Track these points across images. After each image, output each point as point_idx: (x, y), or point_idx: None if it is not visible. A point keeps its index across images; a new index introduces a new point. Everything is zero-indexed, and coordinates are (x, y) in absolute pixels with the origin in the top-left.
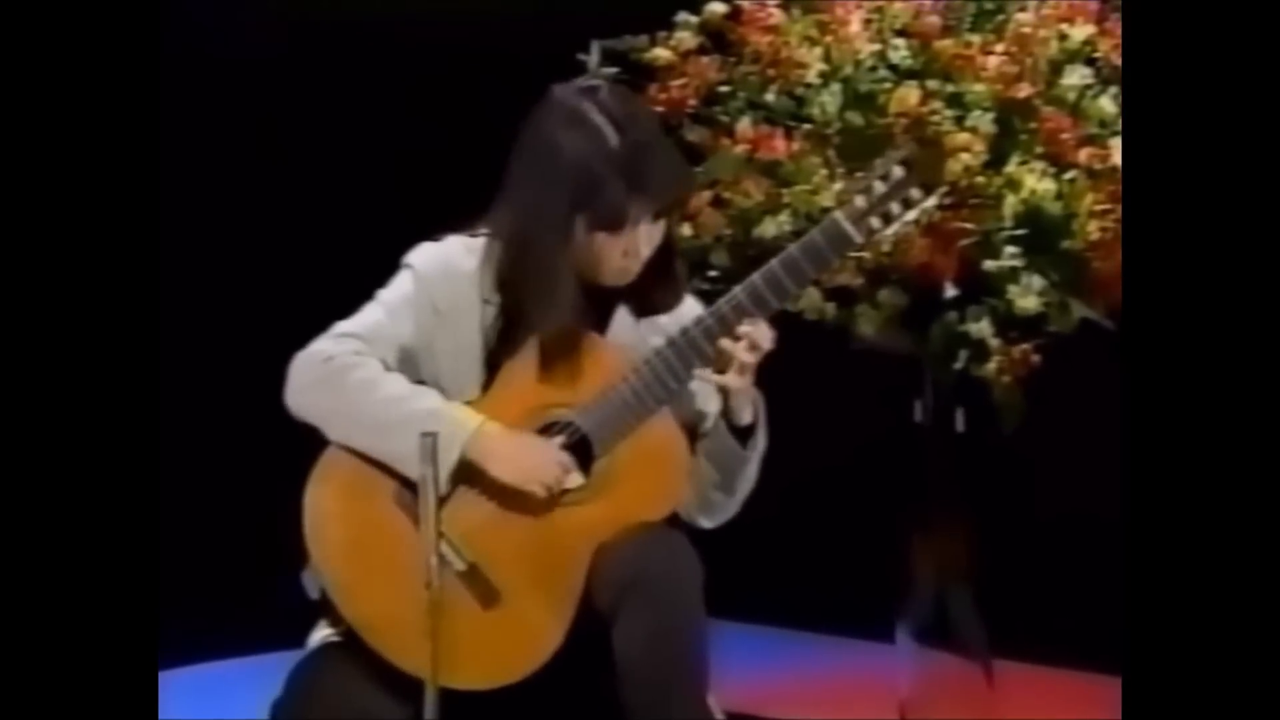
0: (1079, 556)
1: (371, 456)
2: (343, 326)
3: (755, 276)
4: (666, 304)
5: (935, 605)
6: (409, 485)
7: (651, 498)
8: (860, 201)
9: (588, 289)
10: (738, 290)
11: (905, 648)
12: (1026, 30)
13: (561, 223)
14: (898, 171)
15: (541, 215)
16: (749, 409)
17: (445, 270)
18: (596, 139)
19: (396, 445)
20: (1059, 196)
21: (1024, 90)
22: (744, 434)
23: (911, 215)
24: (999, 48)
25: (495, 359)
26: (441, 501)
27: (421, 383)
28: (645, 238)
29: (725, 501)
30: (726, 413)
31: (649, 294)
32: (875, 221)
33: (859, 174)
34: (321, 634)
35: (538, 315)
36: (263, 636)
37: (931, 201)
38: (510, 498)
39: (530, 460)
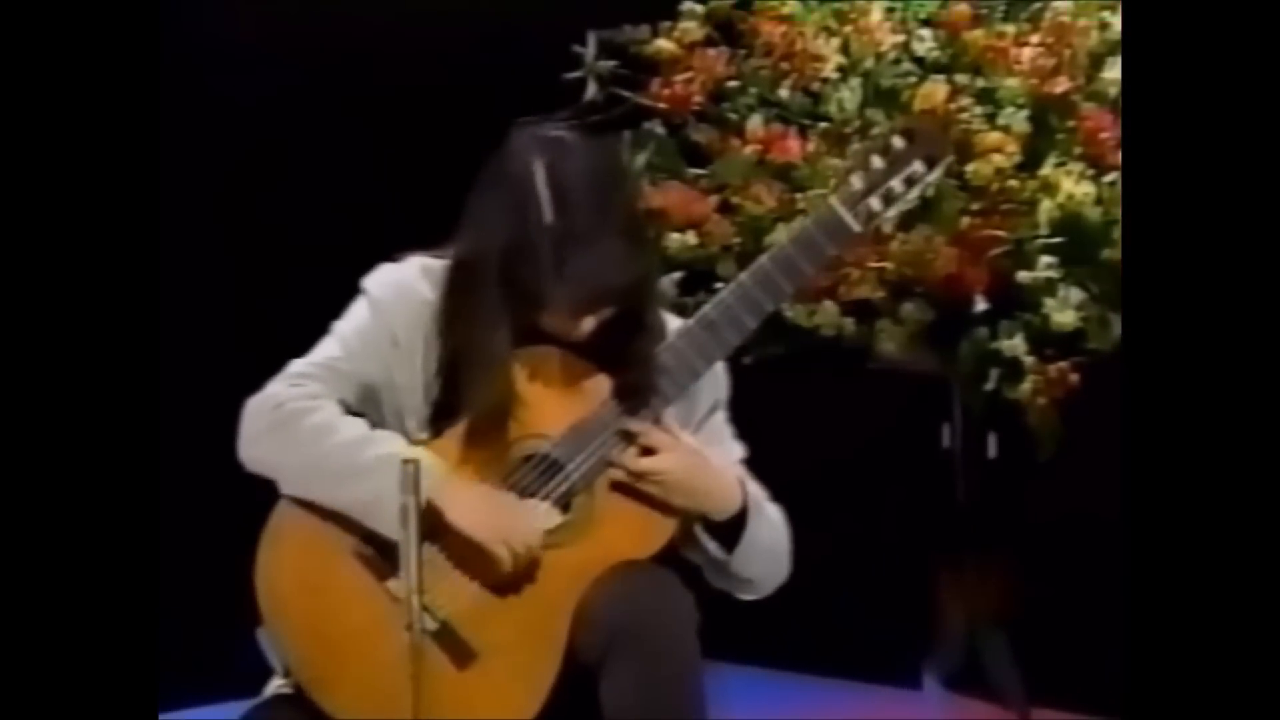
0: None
1: (330, 508)
2: (297, 366)
3: (744, 276)
4: (633, 389)
5: (966, 648)
6: (368, 540)
7: (637, 534)
8: (857, 182)
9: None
10: (725, 293)
11: (933, 695)
12: (1064, 20)
13: (495, 278)
14: (898, 144)
15: (479, 262)
16: (726, 499)
17: (403, 297)
18: (533, 208)
19: (355, 493)
20: (1099, 201)
21: (1061, 85)
22: (727, 531)
23: (915, 194)
24: (1034, 39)
25: (444, 396)
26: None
27: (384, 420)
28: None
29: (748, 590)
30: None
31: (616, 372)
32: (875, 203)
33: (854, 147)
34: (275, 684)
35: (469, 364)
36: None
37: (936, 175)
38: (481, 546)
39: (499, 521)
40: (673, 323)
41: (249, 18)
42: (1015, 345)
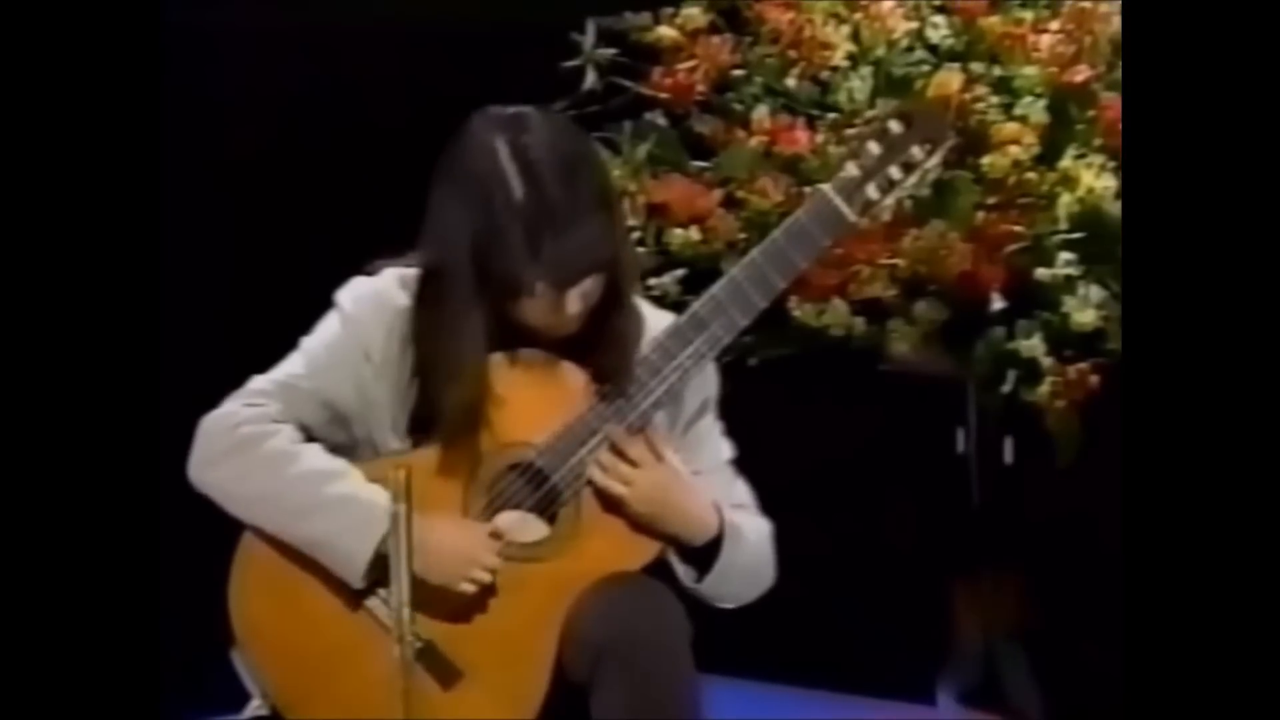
0: None
1: (281, 539)
2: (258, 383)
3: (735, 271)
4: (612, 372)
5: (982, 663)
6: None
7: (625, 546)
8: (852, 169)
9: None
10: (716, 288)
11: (948, 710)
12: (1084, 5)
13: (466, 273)
14: (895, 128)
15: (447, 260)
16: (700, 525)
17: (378, 309)
18: (501, 188)
19: (310, 530)
20: (1120, 195)
21: (1081, 74)
22: (701, 556)
23: (913, 180)
24: (1053, 25)
25: (420, 408)
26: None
27: (354, 438)
28: (575, 294)
29: (721, 604)
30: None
31: (594, 358)
32: (872, 191)
33: (849, 131)
34: (252, 705)
35: (442, 370)
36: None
37: (936, 161)
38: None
39: (454, 556)
40: (666, 319)
41: (249, 13)
42: (1033, 345)
